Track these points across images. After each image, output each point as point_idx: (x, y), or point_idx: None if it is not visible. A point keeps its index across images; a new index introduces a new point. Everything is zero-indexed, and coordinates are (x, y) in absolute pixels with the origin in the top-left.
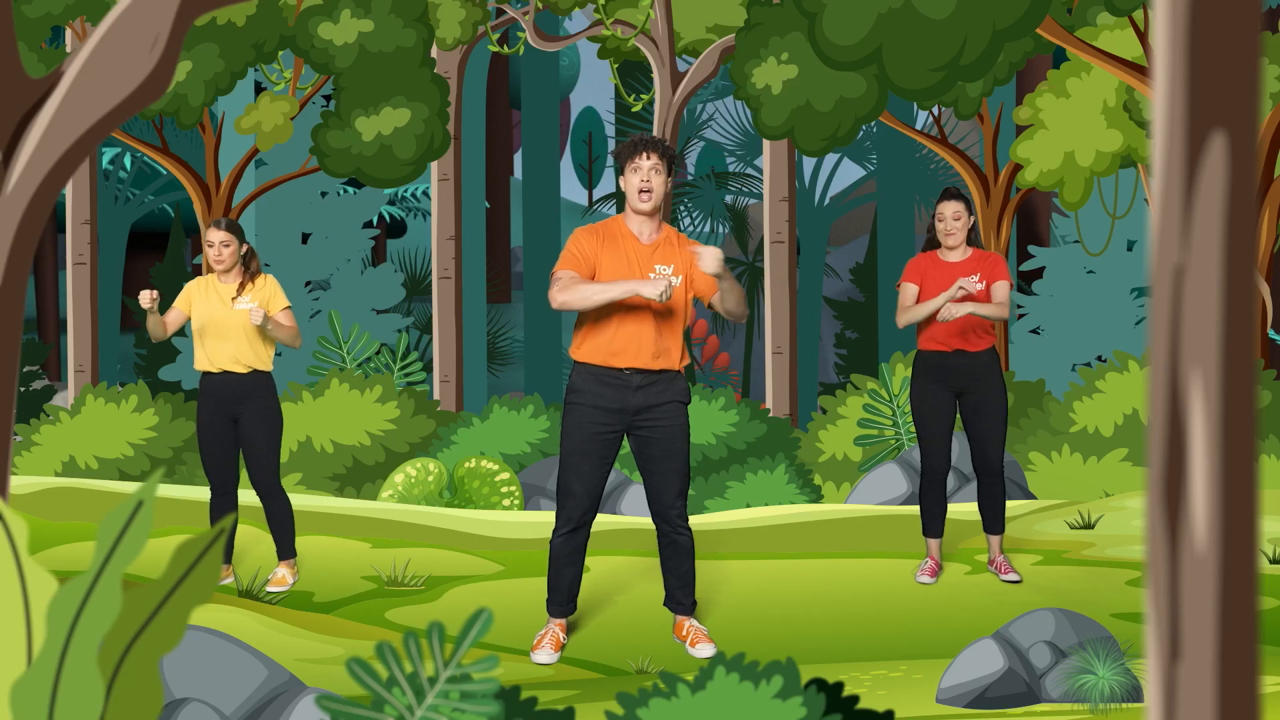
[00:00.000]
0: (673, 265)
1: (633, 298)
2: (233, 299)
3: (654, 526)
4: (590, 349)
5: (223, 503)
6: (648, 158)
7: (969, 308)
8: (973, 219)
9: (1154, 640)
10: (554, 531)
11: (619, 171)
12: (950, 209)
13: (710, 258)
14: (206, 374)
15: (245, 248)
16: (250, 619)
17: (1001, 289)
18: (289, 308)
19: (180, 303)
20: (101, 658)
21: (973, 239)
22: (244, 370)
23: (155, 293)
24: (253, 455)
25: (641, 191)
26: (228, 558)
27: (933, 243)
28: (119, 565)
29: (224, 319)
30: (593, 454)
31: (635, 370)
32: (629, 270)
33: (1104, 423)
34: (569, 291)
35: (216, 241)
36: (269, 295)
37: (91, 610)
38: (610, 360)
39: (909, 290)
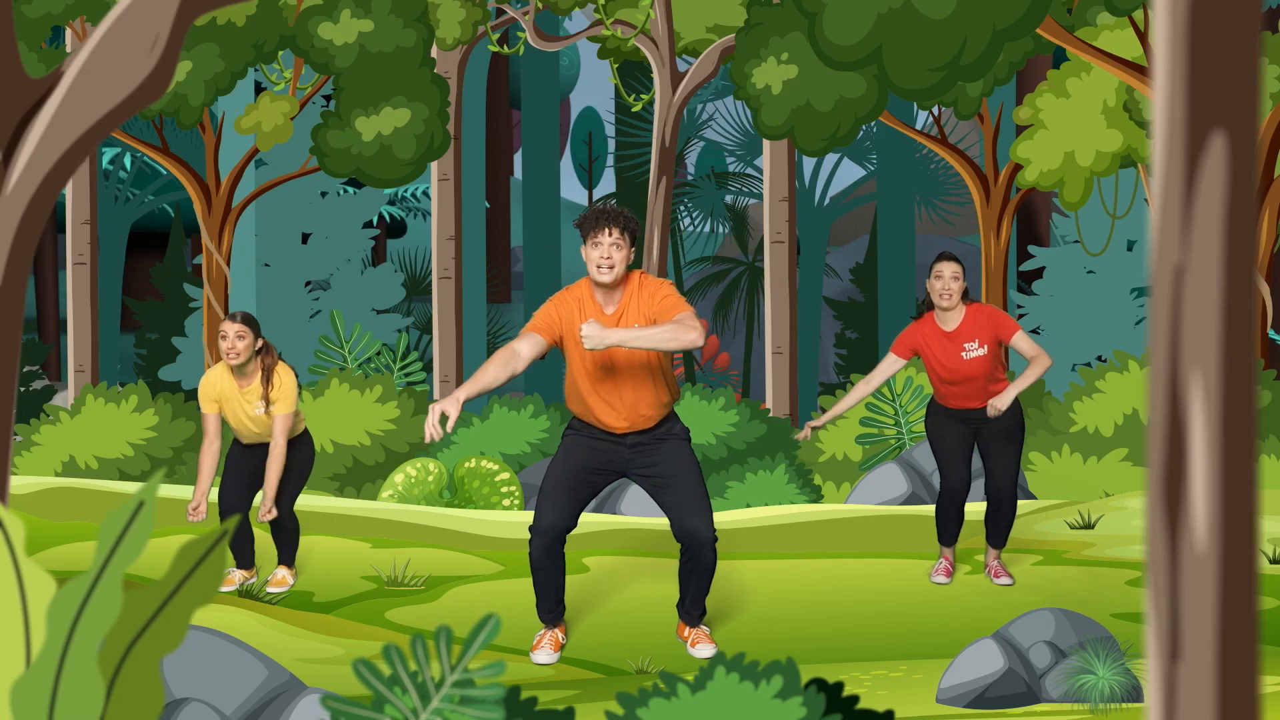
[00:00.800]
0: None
1: (609, 372)
2: (255, 402)
3: (662, 527)
4: (584, 419)
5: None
6: (609, 234)
7: (1011, 395)
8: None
9: (1154, 640)
10: (529, 543)
11: (582, 241)
12: (950, 269)
13: (588, 341)
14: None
15: (260, 343)
16: (250, 619)
17: (1022, 341)
18: (292, 414)
19: (207, 406)
20: (102, 658)
21: (964, 295)
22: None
23: (200, 510)
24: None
25: (600, 268)
26: (250, 562)
27: (928, 304)
28: (120, 565)
29: (249, 429)
30: (579, 475)
31: (629, 432)
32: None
33: (1104, 423)
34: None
35: (231, 334)
36: (280, 395)
37: (92, 610)
38: (605, 428)
39: (889, 361)
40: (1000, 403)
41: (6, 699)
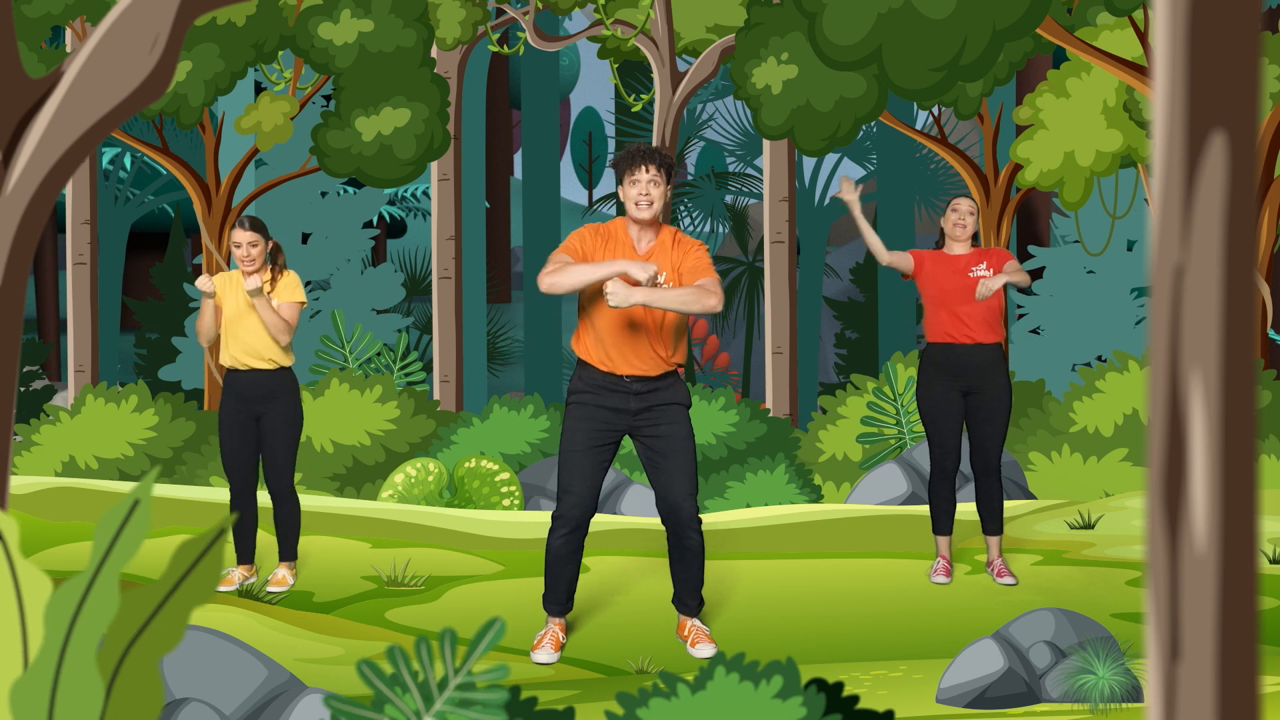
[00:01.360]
0: (665, 271)
1: (626, 310)
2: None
3: (662, 527)
4: (589, 353)
5: (241, 504)
6: (646, 170)
7: (1000, 280)
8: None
9: (1154, 640)
10: (551, 531)
11: (618, 181)
12: (965, 204)
13: (612, 298)
14: (231, 371)
15: (270, 243)
16: (250, 619)
17: (1010, 261)
18: (297, 304)
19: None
20: (101, 658)
21: (973, 241)
22: (268, 366)
23: (210, 282)
24: (270, 458)
25: (639, 204)
26: (250, 558)
27: (939, 245)
28: (116, 564)
29: (245, 313)
30: (591, 454)
31: (634, 377)
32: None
33: (1104, 423)
34: (558, 274)
35: (244, 242)
36: (283, 287)
37: (89, 610)
38: (609, 367)
39: (904, 255)
40: (993, 283)
41: (6, 700)
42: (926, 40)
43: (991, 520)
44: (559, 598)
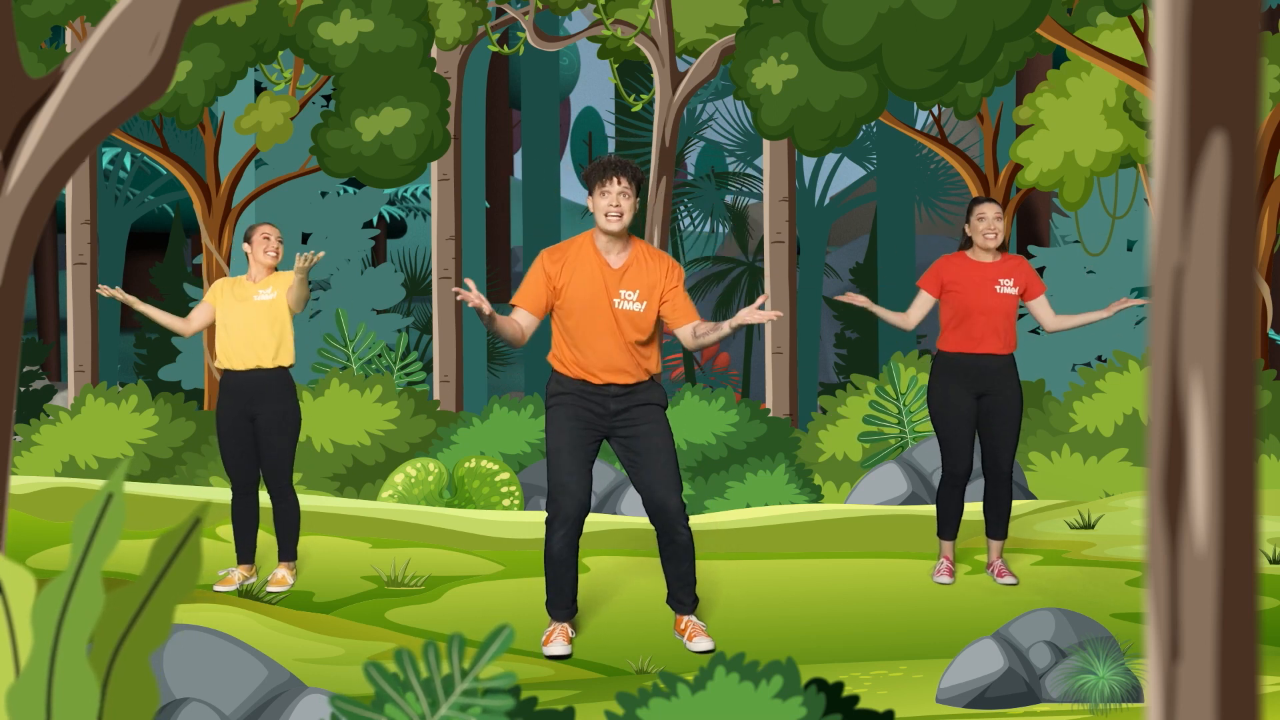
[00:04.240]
0: (639, 290)
1: (602, 320)
2: (259, 290)
3: (652, 527)
4: (565, 365)
5: (244, 503)
6: (617, 182)
7: (1095, 317)
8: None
9: (1154, 640)
10: (549, 533)
11: (588, 192)
12: (992, 210)
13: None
14: (228, 371)
15: None
16: (250, 619)
17: (1045, 306)
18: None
19: (210, 296)
20: (93, 658)
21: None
22: (266, 365)
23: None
24: (268, 456)
25: (609, 215)
26: (250, 558)
27: (966, 245)
28: (96, 561)
29: (245, 311)
30: (578, 450)
31: (611, 384)
32: (596, 292)
33: (1104, 423)
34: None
35: (274, 236)
36: (282, 278)
37: (75, 609)
38: (585, 377)
39: (921, 300)
40: (1110, 310)
41: (2, 704)
42: (926, 40)
43: (997, 524)
44: (564, 602)
